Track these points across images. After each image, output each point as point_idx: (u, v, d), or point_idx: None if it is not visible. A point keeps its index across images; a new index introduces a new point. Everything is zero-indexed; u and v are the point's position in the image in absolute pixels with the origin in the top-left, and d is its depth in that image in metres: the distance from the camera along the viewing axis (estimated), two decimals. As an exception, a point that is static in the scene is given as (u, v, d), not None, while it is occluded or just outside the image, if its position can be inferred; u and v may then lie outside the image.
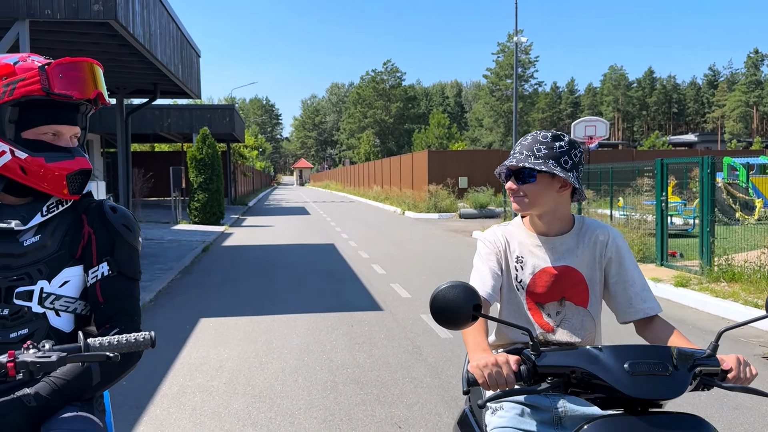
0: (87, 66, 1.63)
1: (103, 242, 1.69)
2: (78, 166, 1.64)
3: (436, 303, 1.49)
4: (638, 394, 1.37)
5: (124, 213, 1.76)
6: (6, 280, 1.59)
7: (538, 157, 1.82)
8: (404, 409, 4.14)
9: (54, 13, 7.39)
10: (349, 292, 8.21)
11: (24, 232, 1.63)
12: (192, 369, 5.01)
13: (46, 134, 1.63)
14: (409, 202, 25.58)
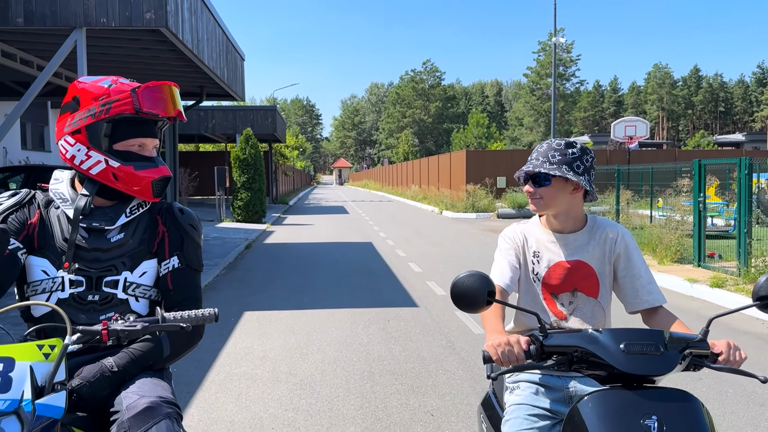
0: (168, 89, 1.91)
1: (174, 239, 1.98)
2: (160, 173, 1.92)
3: (456, 289, 1.72)
4: (631, 370, 1.56)
5: (190, 214, 2.05)
6: (96, 271, 1.88)
7: (553, 162, 2.02)
8: (437, 398, 4.35)
9: (109, 21, 7.83)
10: (386, 289, 8.45)
11: (111, 230, 1.92)
12: (237, 358, 5.33)
13: (133, 146, 1.91)
14: (447, 201, 25.69)
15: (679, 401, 1.55)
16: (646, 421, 1.50)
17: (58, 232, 1.91)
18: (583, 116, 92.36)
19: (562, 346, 1.67)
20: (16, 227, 1.90)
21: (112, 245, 1.90)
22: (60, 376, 1.39)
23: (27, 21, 7.67)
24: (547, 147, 2.08)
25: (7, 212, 1.92)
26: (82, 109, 1.88)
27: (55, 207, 1.95)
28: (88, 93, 1.88)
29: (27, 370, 1.33)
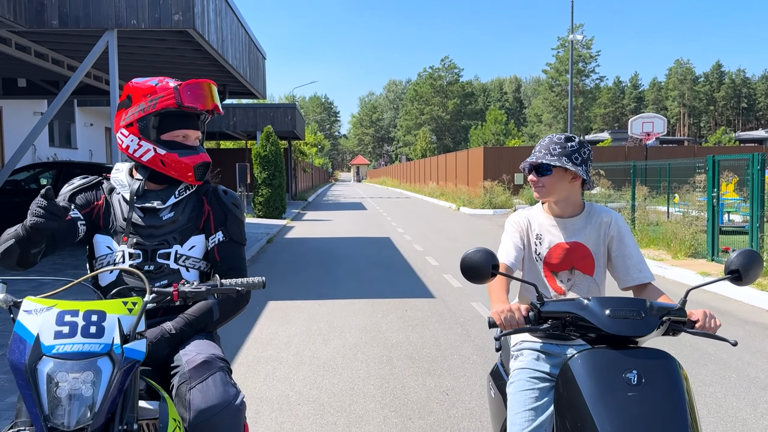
0: (206, 86, 2.19)
1: (218, 216, 2.26)
2: (201, 159, 2.20)
3: (464, 262, 1.98)
4: (615, 331, 1.80)
5: (233, 195, 2.33)
6: (151, 245, 2.17)
7: (554, 154, 2.27)
8: (451, 380, 4.61)
9: (139, 23, 8.17)
10: (404, 282, 8.72)
11: (163, 210, 2.20)
12: (263, 343, 5.63)
13: (177, 136, 2.19)
14: (464, 198, 25.86)
15: (657, 359, 1.79)
16: (627, 374, 1.74)
17: (119, 212, 2.19)
18: (603, 113, 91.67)
19: (556, 312, 1.92)
20: (83, 203, 2.21)
21: (164, 222, 2.18)
22: (140, 327, 1.67)
23: (62, 23, 8.03)
24: (548, 141, 2.32)
25: (77, 189, 2.23)
26: (134, 105, 2.17)
27: (116, 192, 2.24)
28: (138, 91, 2.17)
29: (116, 321, 1.61)
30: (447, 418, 3.91)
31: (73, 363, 1.53)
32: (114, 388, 1.54)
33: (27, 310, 1.61)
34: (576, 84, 77.05)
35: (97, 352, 1.55)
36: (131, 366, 1.59)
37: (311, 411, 4.02)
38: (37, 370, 1.52)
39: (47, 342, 1.55)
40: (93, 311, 1.60)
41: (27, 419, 1.57)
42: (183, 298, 1.84)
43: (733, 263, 1.98)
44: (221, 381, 1.93)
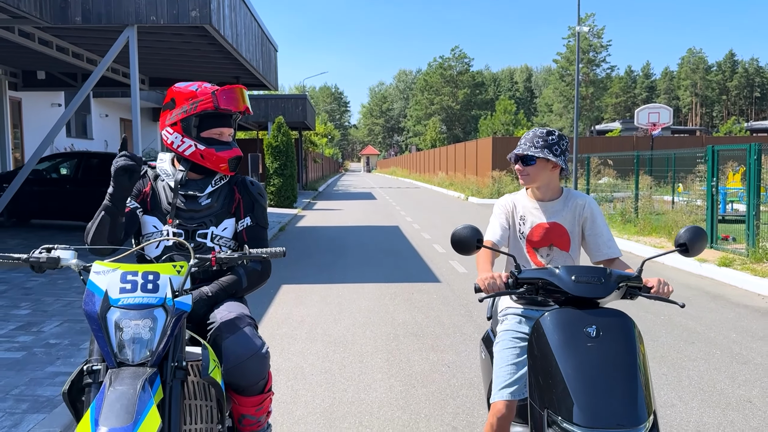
0: (239, 90, 2.54)
1: (247, 204, 2.62)
2: (234, 153, 2.56)
3: (454, 237, 2.35)
4: (577, 293, 2.15)
5: (258, 186, 2.69)
6: (191, 226, 2.53)
7: (537, 146, 2.62)
8: (453, 355, 4.97)
9: (158, 19, 8.54)
10: (411, 267, 9.08)
11: (201, 197, 2.57)
12: (278, 322, 6.02)
13: (215, 134, 2.54)
14: (473, 188, 26.14)
15: (614, 316, 2.13)
16: (587, 329, 2.08)
17: (164, 197, 2.55)
18: (615, 102, 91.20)
19: (530, 278, 2.27)
20: (134, 193, 2.57)
21: (202, 207, 2.54)
22: (187, 285, 2.04)
23: (84, 19, 8.41)
24: (532, 134, 2.67)
25: None
26: (178, 107, 2.52)
27: (161, 180, 2.60)
28: (181, 95, 2.52)
29: (168, 280, 1.98)
30: (447, 387, 4.27)
31: (134, 312, 1.90)
32: (167, 333, 1.91)
33: (96, 272, 1.98)
34: (586, 73, 76.64)
35: (154, 304, 1.91)
36: (180, 315, 1.96)
37: (323, 380, 4.41)
38: (107, 318, 1.89)
39: (114, 296, 1.92)
40: (150, 272, 1.97)
41: (99, 357, 1.95)
42: (219, 264, 2.19)
43: (681, 237, 2.33)
44: (250, 334, 2.32)
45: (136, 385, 1.74)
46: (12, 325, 5.51)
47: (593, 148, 26.42)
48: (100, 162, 12.29)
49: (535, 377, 2.14)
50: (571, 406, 1.95)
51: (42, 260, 2.07)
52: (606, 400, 1.94)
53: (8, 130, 15.47)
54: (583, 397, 1.95)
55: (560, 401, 1.98)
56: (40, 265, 2.07)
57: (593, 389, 1.95)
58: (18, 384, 4.09)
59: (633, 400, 1.95)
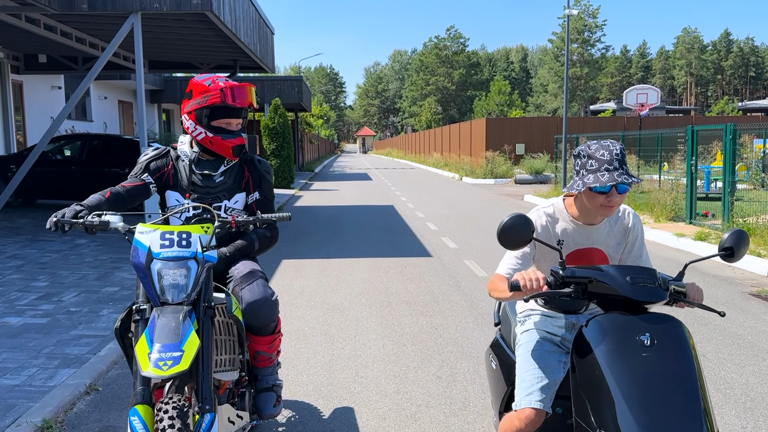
0: (246, 88, 2.93)
1: (255, 180, 3.04)
2: (237, 142, 2.94)
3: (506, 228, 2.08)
4: (635, 296, 1.94)
5: (265, 163, 3.10)
6: (208, 199, 2.95)
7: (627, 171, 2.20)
8: (441, 319, 5.46)
9: (161, 6, 8.88)
10: (405, 243, 9.55)
11: (215, 175, 2.98)
12: (280, 292, 6.48)
13: (223, 123, 2.92)
14: (467, 168, 26.57)
15: (668, 322, 1.95)
16: (641, 336, 1.89)
17: (184, 175, 2.97)
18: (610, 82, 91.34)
19: (578, 276, 2.04)
20: (155, 168, 2.97)
21: (216, 184, 2.97)
22: (213, 242, 2.47)
23: (90, 6, 8.75)
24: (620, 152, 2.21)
25: (151, 159, 3.00)
26: (194, 99, 2.94)
27: (182, 159, 3.02)
28: (197, 87, 2.93)
29: (198, 238, 2.41)
30: (434, 345, 4.76)
31: (172, 263, 2.34)
32: (199, 279, 2.35)
33: (141, 231, 2.42)
34: (581, 53, 76.68)
35: (188, 256, 2.36)
36: (208, 266, 2.41)
37: (323, 341, 4.88)
38: (151, 268, 2.34)
39: (155, 250, 2.36)
40: (183, 232, 2.41)
41: (144, 299, 2.39)
42: (238, 226, 2.62)
43: (726, 242, 2.16)
44: (262, 284, 2.78)
45: (179, 316, 2.19)
46: (33, 295, 5.96)
47: (584, 128, 26.83)
48: (102, 143, 12.66)
49: (583, 392, 1.96)
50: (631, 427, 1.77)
51: (95, 223, 2.50)
52: (668, 418, 1.77)
53: (11, 112, 15.79)
54: (644, 415, 1.77)
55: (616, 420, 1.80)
56: (93, 226, 2.50)
57: (654, 407, 1.77)
58: (47, 344, 4.55)
59: (697, 417, 1.78)
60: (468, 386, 3.97)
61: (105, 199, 2.75)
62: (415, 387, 3.97)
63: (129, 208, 2.89)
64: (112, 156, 12.39)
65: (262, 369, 2.90)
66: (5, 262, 7.48)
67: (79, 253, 8.11)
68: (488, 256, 8.44)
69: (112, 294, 6.03)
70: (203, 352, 2.27)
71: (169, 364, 2.03)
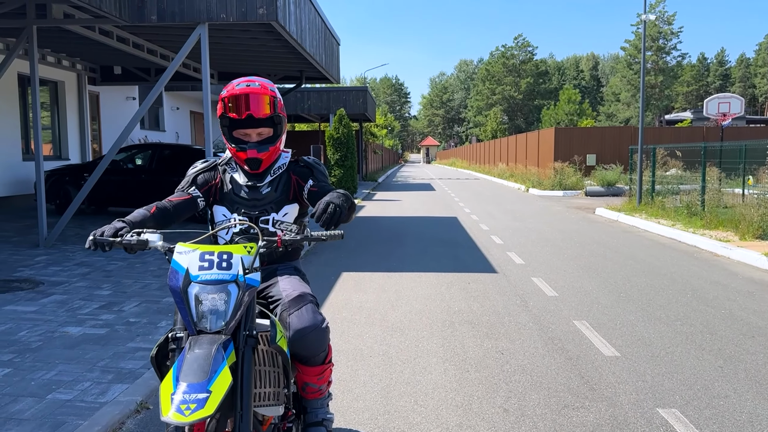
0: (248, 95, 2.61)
1: (304, 174, 2.80)
2: (249, 155, 2.66)
3: None
4: None
5: (315, 159, 2.87)
6: (255, 213, 2.75)
7: None
8: (507, 343, 5.10)
9: (228, 17, 8.93)
10: (468, 258, 9.19)
11: (262, 186, 2.78)
12: (339, 307, 6.28)
13: (241, 134, 2.71)
14: (534, 179, 25.84)
15: None
16: None
17: (230, 188, 2.79)
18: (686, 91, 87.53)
19: None
20: (202, 182, 2.80)
21: (263, 196, 2.76)
22: (256, 264, 2.25)
23: (159, 18, 8.90)
24: None
25: (199, 172, 2.83)
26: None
27: (228, 172, 2.83)
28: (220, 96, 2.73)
29: (239, 259, 2.21)
30: (500, 373, 4.41)
31: (211, 287, 2.13)
32: (239, 305, 2.14)
33: (179, 252, 2.24)
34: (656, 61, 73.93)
35: (228, 280, 2.15)
36: (251, 290, 2.19)
37: (381, 362, 4.62)
38: (188, 292, 2.14)
39: (194, 273, 2.16)
40: (224, 252, 2.21)
41: (182, 326, 2.20)
42: (284, 245, 2.39)
43: None
44: (312, 310, 2.55)
45: (212, 349, 1.98)
46: (96, 304, 5.99)
47: (661, 138, 25.63)
48: (172, 153, 12.92)
49: None
50: None
51: (133, 242, 2.34)
52: None
53: (88, 122, 16.43)
54: None
55: None
56: (131, 246, 2.34)
57: None
58: (103, 357, 4.49)
59: None
60: (538, 422, 3.61)
61: (150, 214, 2.59)
62: (479, 421, 3.64)
63: (176, 223, 2.72)
64: (181, 166, 12.55)
65: (311, 401, 2.66)
66: (73, 269, 7.63)
67: (143, 261, 8.19)
68: (557, 273, 7.98)
69: (172, 305, 5.99)
70: (242, 386, 2.06)
71: (192, 408, 1.82)
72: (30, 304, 5.92)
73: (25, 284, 6.68)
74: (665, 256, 9.49)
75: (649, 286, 7.28)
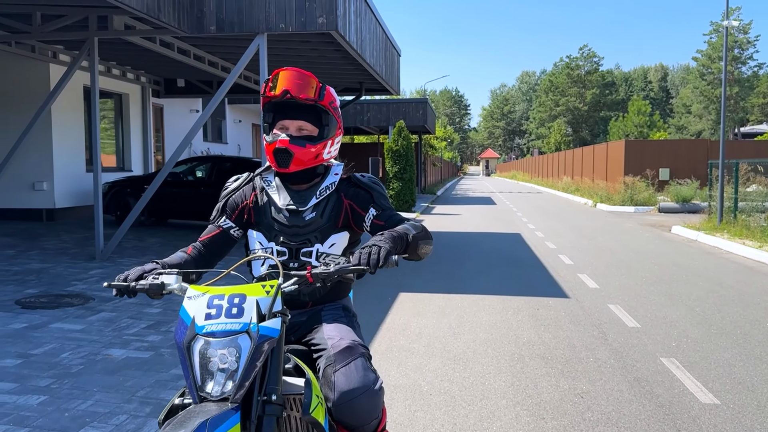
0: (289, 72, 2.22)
1: (362, 199, 2.33)
2: (279, 144, 2.19)
3: None
4: None
5: (371, 176, 2.39)
6: (296, 244, 2.30)
7: None
8: (587, 383, 4.50)
9: (287, 27, 8.69)
10: (535, 279, 8.56)
11: (305, 210, 2.31)
12: (396, 333, 5.82)
13: (279, 128, 2.27)
14: (602, 194, 24.71)
15: None
16: None
17: (269, 212, 2.34)
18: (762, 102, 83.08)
19: None
20: (233, 207, 2.38)
21: (306, 222, 2.29)
22: (277, 307, 1.80)
23: (218, 28, 8.74)
24: None
25: (229, 195, 2.40)
26: None
27: (266, 190, 2.37)
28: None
29: (254, 303, 1.77)
30: (582, 421, 3.83)
31: (217, 341, 1.71)
32: (253, 363, 1.70)
33: (189, 297, 1.83)
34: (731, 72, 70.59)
35: (237, 330, 1.72)
36: (268, 342, 1.74)
37: (443, 402, 4.12)
38: (192, 348, 1.73)
39: (200, 323, 1.75)
40: (236, 294, 1.78)
41: None
42: (316, 280, 1.94)
43: None
44: (362, 366, 2.08)
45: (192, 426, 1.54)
46: (143, 323, 5.74)
47: (741, 152, 24.07)
48: (233, 166, 12.83)
49: None
50: None
51: (146, 288, 1.96)
52: None
53: (151, 134, 16.65)
54: None
55: None
56: (147, 291, 1.97)
57: None
58: (143, 385, 4.18)
59: None
60: (632, 491, 3.03)
61: (188, 255, 2.25)
62: (560, 485, 3.10)
63: (219, 260, 2.34)
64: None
65: None
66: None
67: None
68: (637, 300, 7.26)
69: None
70: None
71: None
72: (77, 321, 5.73)
73: (76, 300, 6.53)
74: (756, 281, 8.58)
75: (742, 317, 6.49)
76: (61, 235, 11.28)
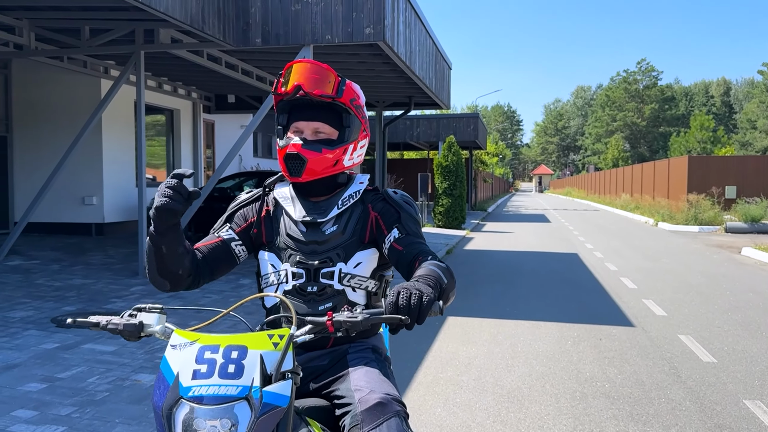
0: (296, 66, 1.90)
1: (389, 216, 1.95)
2: (290, 149, 1.88)
3: None
4: None
5: (404, 194, 2.02)
6: (314, 263, 1.93)
7: None
8: (660, 429, 3.93)
9: (333, 38, 8.43)
10: (596, 305, 7.94)
11: (326, 223, 1.95)
12: (443, 363, 5.36)
13: (291, 131, 1.94)
14: (664, 212, 23.56)
15: None
16: None
17: (283, 227, 1.99)
18: (836, 116, 78.65)
19: None
20: (240, 221, 2.03)
21: (327, 237, 1.93)
22: (287, 365, 1.42)
23: (264, 41, 8.57)
24: None
25: (238, 206, 2.06)
26: None
27: (280, 204, 2.03)
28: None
29: (258, 359, 1.39)
30: (657, 479, 3.29)
31: (207, 409, 1.33)
32: None
33: (173, 345, 1.46)
34: (802, 84, 67.30)
35: (234, 396, 1.34)
36: (274, 413, 1.35)
37: (495, 449, 3.65)
38: (173, 417, 1.35)
39: (185, 383, 1.37)
40: (233, 346, 1.40)
41: None
42: (338, 329, 1.54)
43: None
44: (396, 428, 1.65)
45: None
46: (178, 345, 5.47)
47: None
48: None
49: None
50: None
51: (120, 329, 1.61)
52: None
53: (201, 149, 16.75)
54: None
55: None
56: (120, 333, 1.62)
57: None
58: (169, 416, 3.86)
59: None
60: None
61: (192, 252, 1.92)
62: None
63: (213, 279, 1.98)
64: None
65: None
66: (166, 302, 7.27)
67: (239, 296, 7.71)
68: (710, 331, 6.57)
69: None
70: None
71: None
72: (110, 343, 5.50)
73: (112, 318, 6.34)
74: None
75: (837, 354, 5.74)
76: (108, 250, 11.30)
